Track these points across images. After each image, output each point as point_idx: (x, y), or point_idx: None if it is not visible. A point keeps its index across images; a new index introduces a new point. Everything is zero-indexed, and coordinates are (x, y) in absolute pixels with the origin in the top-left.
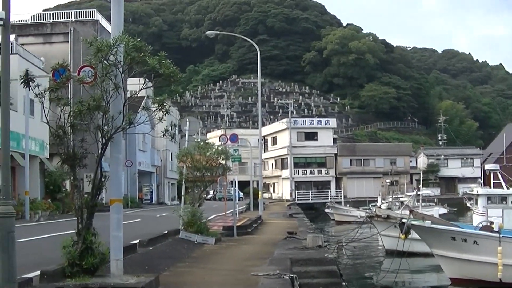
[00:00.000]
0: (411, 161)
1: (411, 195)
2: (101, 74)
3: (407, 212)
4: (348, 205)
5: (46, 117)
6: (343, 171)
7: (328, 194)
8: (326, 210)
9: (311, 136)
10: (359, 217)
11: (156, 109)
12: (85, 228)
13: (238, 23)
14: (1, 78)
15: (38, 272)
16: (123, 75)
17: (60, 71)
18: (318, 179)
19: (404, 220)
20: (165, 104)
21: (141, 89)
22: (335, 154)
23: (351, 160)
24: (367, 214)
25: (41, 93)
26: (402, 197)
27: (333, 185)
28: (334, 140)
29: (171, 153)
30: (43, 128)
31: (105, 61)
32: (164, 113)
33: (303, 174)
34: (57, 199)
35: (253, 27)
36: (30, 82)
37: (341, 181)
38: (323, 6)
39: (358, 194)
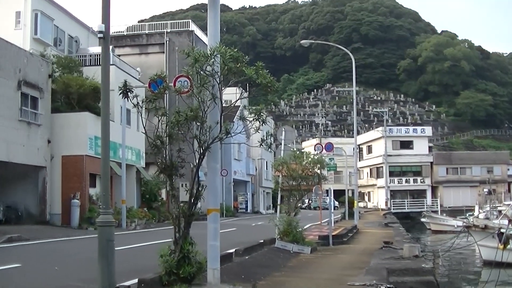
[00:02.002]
0: (508, 169)
1: (509, 204)
2: (198, 85)
3: (506, 221)
4: (444, 214)
5: (144, 127)
6: (439, 180)
7: (424, 203)
8: (422, 220)
9: (406, 144)
10: (455, 226)
11: (253, 119)
12: (183, 237)
13: (332, 32)
14: (102, 88)
15: (136, 280)
16: (220, 85)
17: (157, 81)
18: (414, 188)
19: (502, 230)
20: (262, 114)
21: (238, 98)
22: (431, 163)
23: (447, 169)
24: (464, 223)
25: (139, 103)
26: (500, 206)
27: (429, 194)
28: (430, 148)
29: (266, 162)
30: (139, 137)
31: (202, 72)
32: (261, 123)
33: (398, 183)
34: (153, 208)
35: (347, 36)
36: (128, 93)
37: (437, 190)
38: (417, 13)
39: (454, 203)
